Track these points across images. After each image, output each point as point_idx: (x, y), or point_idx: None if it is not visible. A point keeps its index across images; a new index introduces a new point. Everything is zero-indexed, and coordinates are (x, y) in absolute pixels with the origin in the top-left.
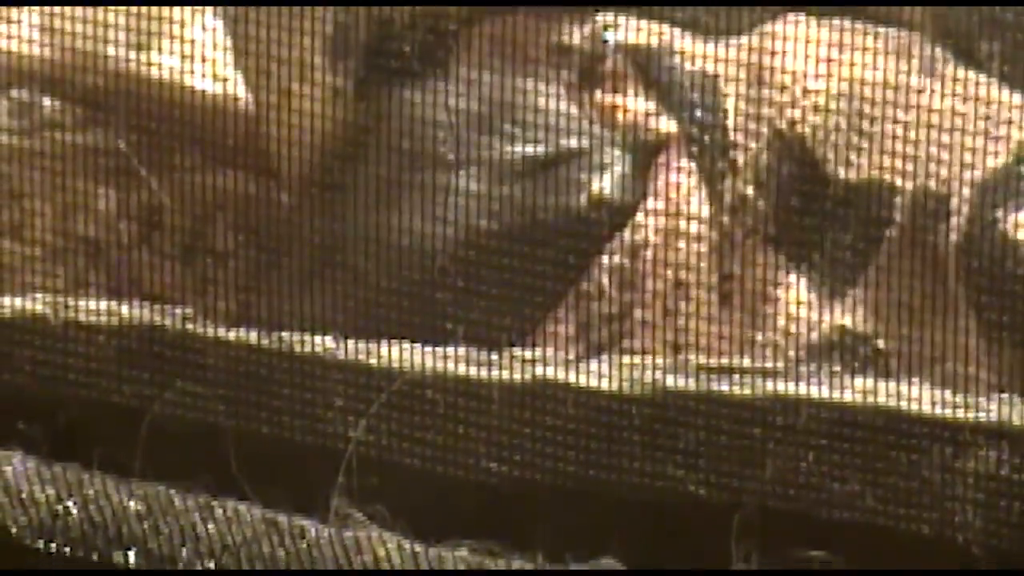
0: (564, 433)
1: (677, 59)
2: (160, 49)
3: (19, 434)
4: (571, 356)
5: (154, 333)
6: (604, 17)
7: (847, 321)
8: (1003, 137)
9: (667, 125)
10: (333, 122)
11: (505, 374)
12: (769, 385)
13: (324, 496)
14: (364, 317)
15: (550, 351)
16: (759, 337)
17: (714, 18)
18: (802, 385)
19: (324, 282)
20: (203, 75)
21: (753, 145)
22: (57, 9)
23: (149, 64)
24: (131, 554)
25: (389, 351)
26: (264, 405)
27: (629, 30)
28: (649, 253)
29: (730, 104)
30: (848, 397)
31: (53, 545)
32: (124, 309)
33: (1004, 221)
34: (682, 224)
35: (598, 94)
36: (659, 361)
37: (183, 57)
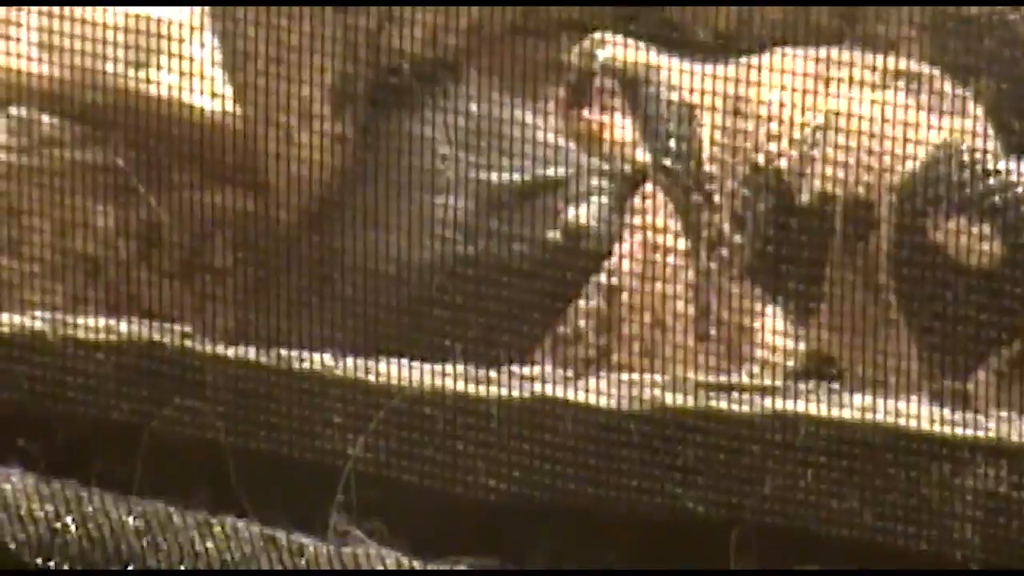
0: (563, 450)
1: (659, 85)
2: (159, 66)
3: (17, 450)
4: (570, 373)
5: (153, 350)
6: (599, 35)
7: (814, 345)
8: (921, 140)
9: (644, 155)
10: (332, 168)
11: (504, 391)
12: (768, 402)
13: (323, 513)
14: (345, 338)
15: (548, 368)
16: (736, 376)
17: (711, 37)
18: (800, 402)
19: (307, 302)
20: (201, 92)
21: (729, 179)
22: (56, 26)
23: (148, 81)
24: (130, 571)
25: (388, 368)
26: (263, 422)
27: (619, 47)
28: (625, 294)
29: (705, 135)
30: (847, 414)
31: (52, 562)
32: (123, 326)
33: (929, 226)
34: (658, 260)
35: (585, 113)
36: (657, 378)
37: (182, 74)
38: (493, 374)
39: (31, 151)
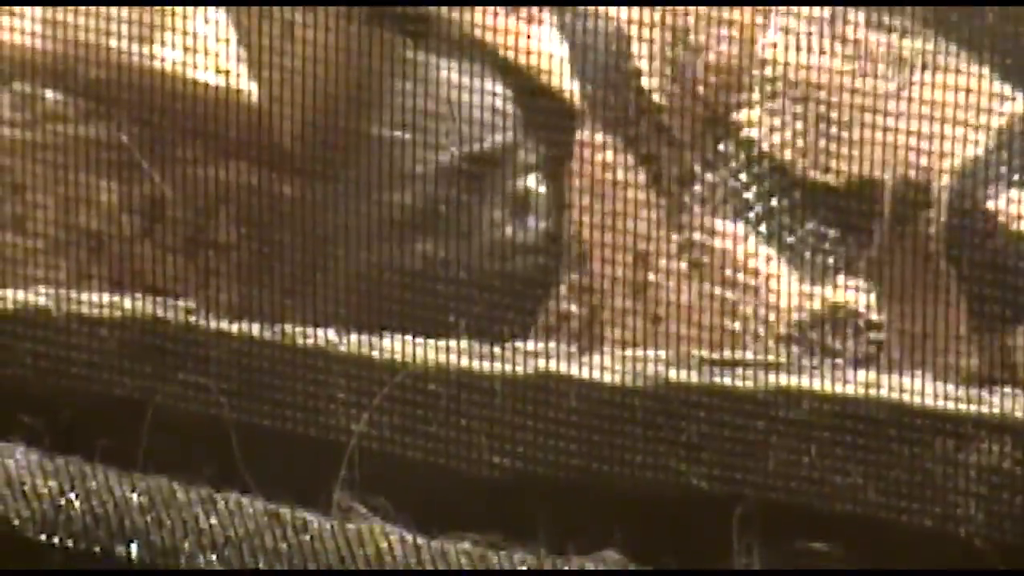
0: (566, 426)
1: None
2: (163, 42)
3: (21, 427)
4: (574, 348)
5: (156, 326)
6: None
7: (839, 298)
8: (983, 125)
9: (578, 91)
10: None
11: (508, 367)
12: (772, 378)
13: (326, 489)
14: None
15: (552, 344)
16: (741, 309)
17: None
18: (804, 378)
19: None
20: (205, 68)
21: (683, 118)
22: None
23: (152, 57)
24: (133, 547)
25: (392, 344)
26: (266, 398)
27: None
28: (594, 244)
29: (644, 66)
30: (850, 390)
31: (55, 538)
32: (126, 302)
33: (990, 202)
34: (618, 204)
35: (511, 22)
36: (662, 354)
37: (185, 50)
38: (497, 350)
39: (35, 126)
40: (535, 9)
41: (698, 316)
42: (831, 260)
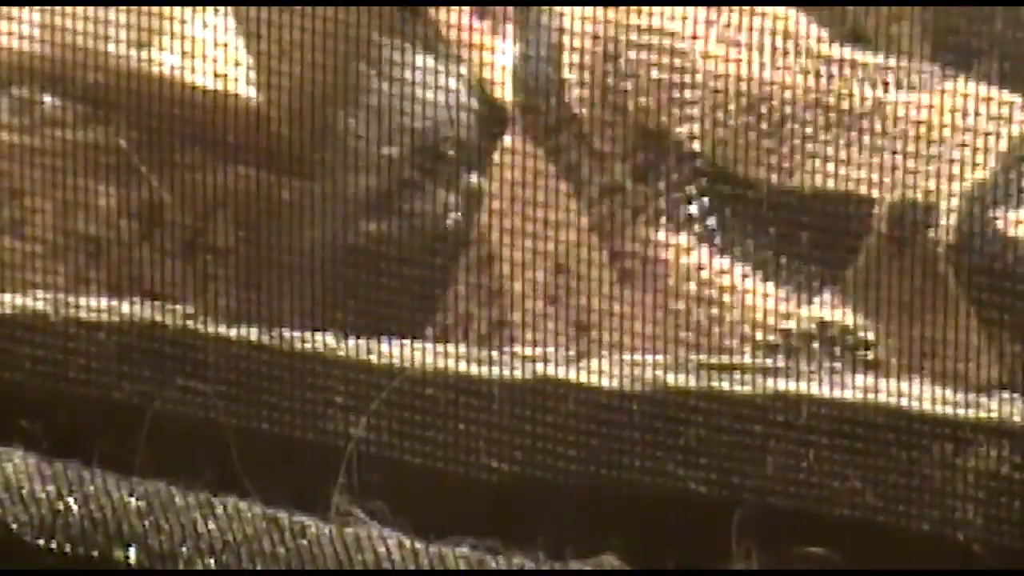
0: (565, 430)
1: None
2: (161, 47)
3: (19, 431)
4: (571, 352)
5: (155, 330)
6: None
7: (825, 314)
8: (989, 149)
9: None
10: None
11: (506, 371)
12: (770, 383)
13: (325, 493)
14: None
15: (551, 349)
16: (691, 318)
17: None
18: (803, 383)
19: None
20: (204, 72)
21: (607, 128)
22: (58, 6)
23: (150, 61)
24: (131, 551)
25: (390, 349)
26: (265, 402)
27: None
28: (502, 243)
29: (571, 75)
30: (848, 395)
31: (53, 542)
32: (124, 306)
33: (1001, 219)
34: (538, 212)
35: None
36: (659, 359)
37: (184, 54)
38: (495, 355)
39: (33, 131)
40: (503, 19)
41: (630, 324)
42: (802, 275)
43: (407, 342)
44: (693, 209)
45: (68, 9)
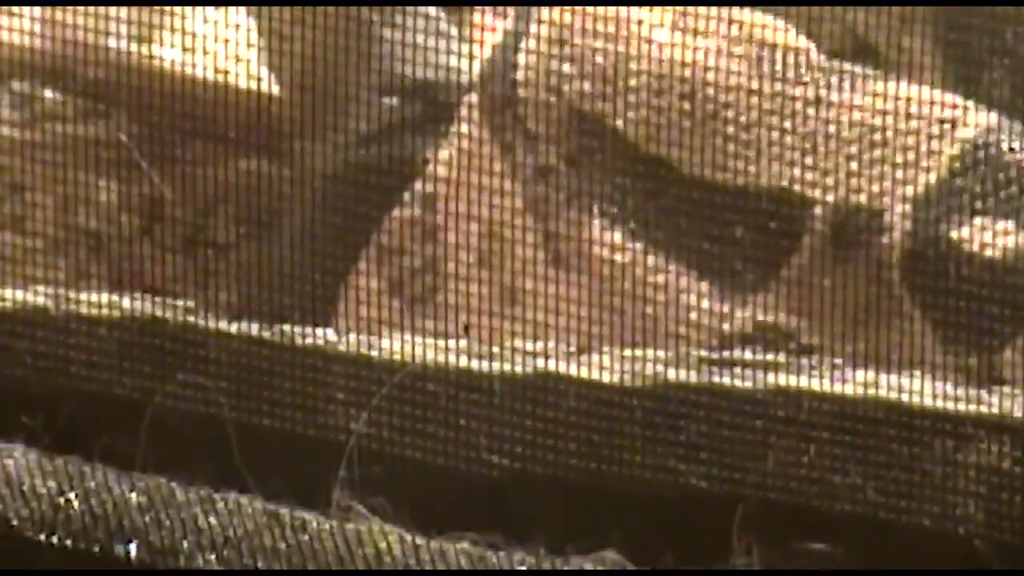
0: (566, 425)
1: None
2: (161, 41)
3: (20, 426)
4: (572, 348)
5: (155, 325)
6: None
7: (759, 316)
8: (936, 153)
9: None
10: None
11: (507, 366)
12: (771, 378)
13: (326, 489)
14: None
15: (552, 344)
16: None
17: None
18: (803, 378)
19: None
20: (205, 67)
21: (548, 112)
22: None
23: (151, 56)
24: (132, 547)
25: (391, 344)
26: (266, 397)
27: None
28: (445, 205)
29: (521, 60)
30: (849, 389)
31: (54, 538)
32: (125, 301)
33: (949, 231)
34: (484, 179)
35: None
36: (660, 354)
37: (184, 49)
38: (496, 349)
39: (33, 126)
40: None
41: (555, 305)
42: (737, 275)
43: (408, 337)
44: (628, 201)
45: (69, 3)
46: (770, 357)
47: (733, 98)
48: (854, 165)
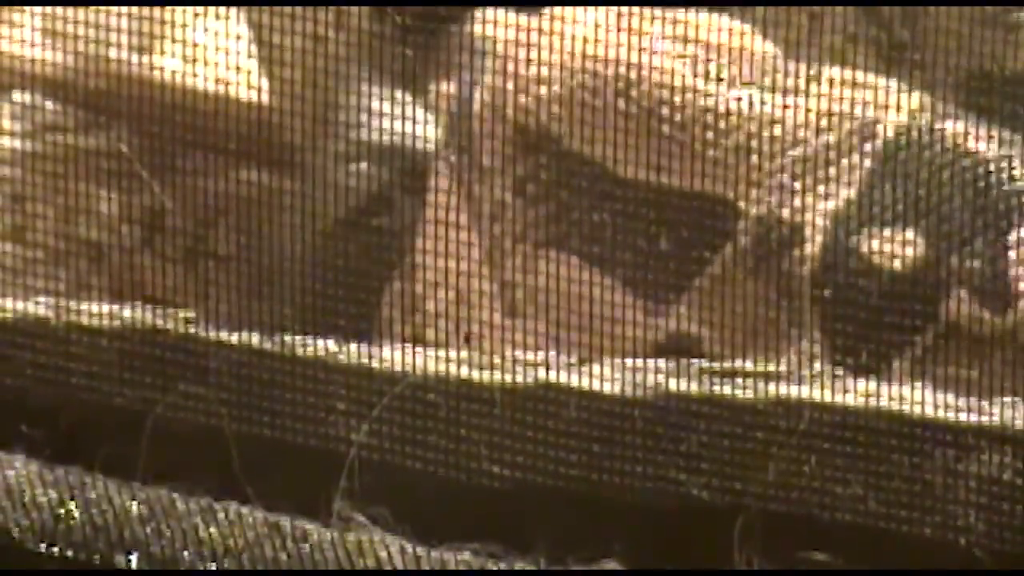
0: (567, 436)
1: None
2: (162, 52)
3: (21, 436)
4: (574, 359)
5: (156, 336)
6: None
7: (683, 327)
8: (854, 166)
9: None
10: None
11: (508, 377)
12: (772, 388)
13: (326, 499)
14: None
15: (552, 354)
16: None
17: None
18: (804, 388)
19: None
20: (206, 78)
21: (498, 146)
22: (59, 12)
23: (152, 67)
24: (133, 557)
25: (392, 355)
26: (266, 408)
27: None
28: (427, 272)
29: (478, 97)
30: (850, 400)
31: (55, 548)
32: (126, 312)
33: (861, 245)
34: (451, 234)
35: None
36: (662, 364)
37: (185, 60)
38: (497, 360)
39: (34, 137)
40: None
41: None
42: (658, 284)
43: (409, 347)
44: (572, 215)
45: (70, 14)
46: (771, 367)
47: (667, 97)
48: (778, 176)
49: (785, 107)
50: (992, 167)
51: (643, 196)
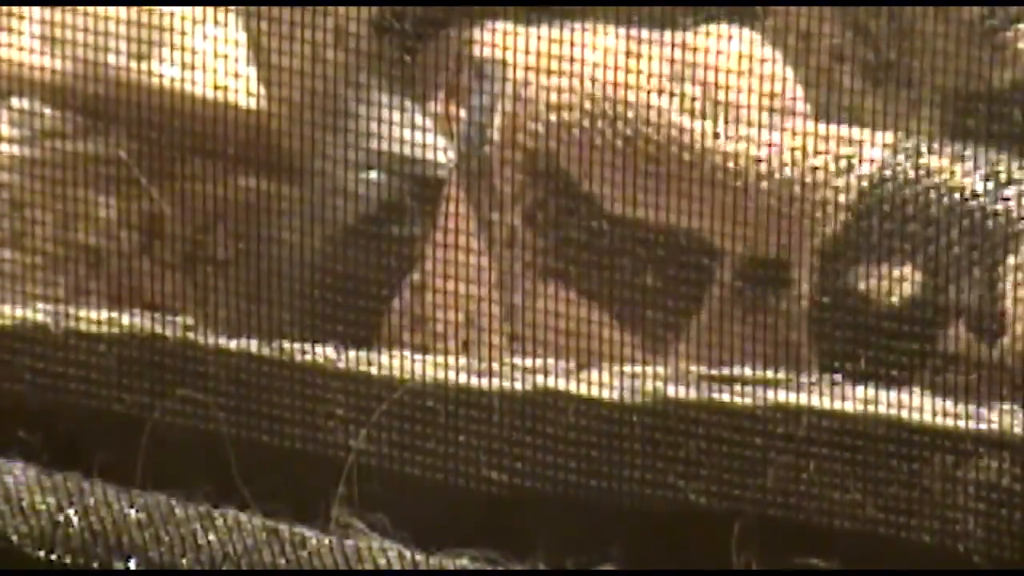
0: (565, 442)
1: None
2: (161, 58)
3: (19, 443)
4: (572, 365)
5: (155, 342)
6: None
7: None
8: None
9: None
10: None
11: (506, 383)
12: (770, 394)
13: (325, 505)
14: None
15: (551, 360)
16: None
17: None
18: (803, 394)
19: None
20: (204, 84)
21: (514, 172)
22: (58, 18)
23: (150, 73)
24: (131, 563)
25: (390, 361)
26: (264, 414)
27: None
28: (433, 293)
29: (496, 123)
30: (849, 406)
31: (53, 554)
32: (125, 318)
33: (852, 277)
34: (461, 258)
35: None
36: (660, 370)
37: (184, 66)
38: (495, 366)
39: (33, 143)
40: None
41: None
42: (653, 323)
43: (407, 354)
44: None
45: (68, 20)
46: (769, 374)
47: (654, 132)
48: (763, 214)
49: (771, 145)
50: (979, 200)
51: (638, 234)
